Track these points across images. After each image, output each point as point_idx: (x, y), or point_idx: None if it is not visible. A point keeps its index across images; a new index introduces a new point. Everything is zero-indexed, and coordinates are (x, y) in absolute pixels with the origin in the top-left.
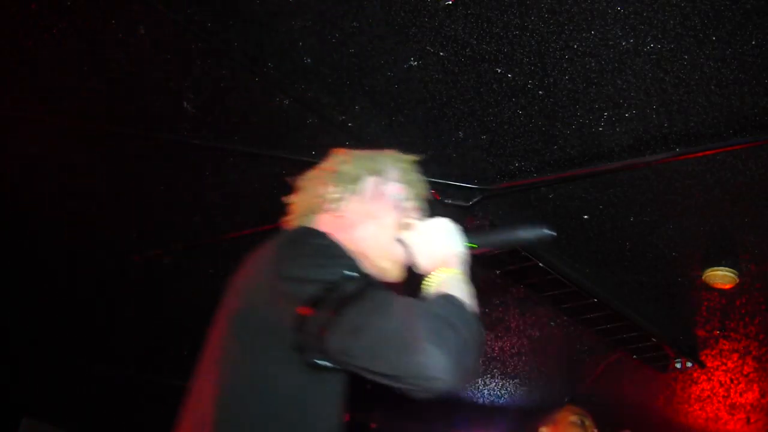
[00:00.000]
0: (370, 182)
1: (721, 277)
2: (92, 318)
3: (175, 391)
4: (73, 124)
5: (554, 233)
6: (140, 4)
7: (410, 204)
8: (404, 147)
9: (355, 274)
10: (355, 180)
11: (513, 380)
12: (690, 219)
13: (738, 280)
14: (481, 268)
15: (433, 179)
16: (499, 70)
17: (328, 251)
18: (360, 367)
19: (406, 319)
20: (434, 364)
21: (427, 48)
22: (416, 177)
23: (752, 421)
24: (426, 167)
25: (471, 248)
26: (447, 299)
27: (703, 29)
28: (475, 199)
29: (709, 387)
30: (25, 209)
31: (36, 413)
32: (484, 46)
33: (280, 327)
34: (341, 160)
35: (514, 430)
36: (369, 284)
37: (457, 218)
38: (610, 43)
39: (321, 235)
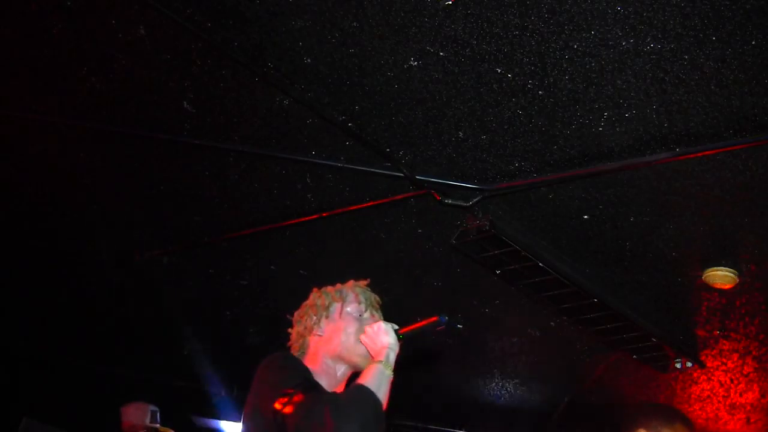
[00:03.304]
0: (336, 307)
1: (721, 277)
2: (92, 318)
3: (175, 391)
4: (73, 124)
5: (445, 319)
6: (140, 4)
7: (367, 314)
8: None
9: (305, 381)
10: (326, 308)
11: (513, 380)
12: (690, 219)
13: (738, 280)
14: (481, 268)
15: (433, 179)
16: (499, 70)
17: (292, 366)
18: None
19: (330, 407)
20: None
21: (427, 48)
22: (368, 294)
23: (752, 421)
24: (426, 167)
25: (400, 339)
26: (357, 389)
27: (703, 29)
28: (475, 199)
29: (709, 387)
30: (25, 209)
31: (36, 413)
32: (484, 46)
33: (266, 418)
34: (316, 296)
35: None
36: (311, 387)
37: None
38: (610, 43)
39: (289, 357)
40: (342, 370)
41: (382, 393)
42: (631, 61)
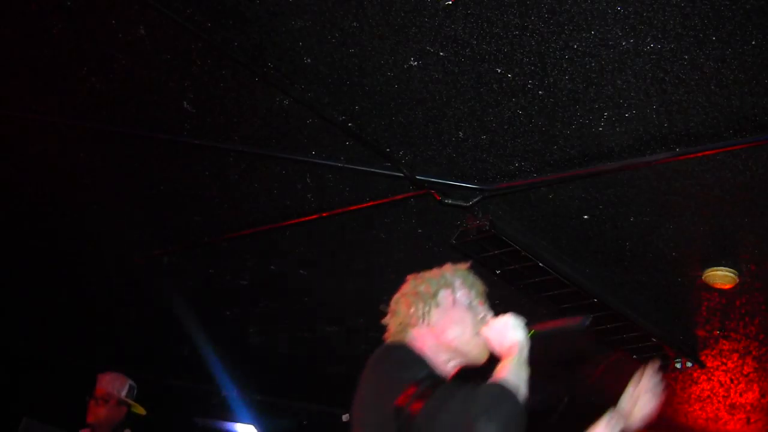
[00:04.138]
0: (445, 294)
1: (721, 277)
2: (92, 318)
3: (175, 391)
4: (73, 124)
5: (588, 323)
6: (140, 4)
7: (477, 301)
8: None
9: (430, 376)
10: (434, 296)
11: None
12: (690, 219)
13: (738, 280)
14: (481, 268)
15: (433, 179)
16: (499, 70)
17: (414, 359)
18: None
19: (464, 406)
20: None
21: (427, 48)
22: (474, 279)
23: (752, 421)
24: (426, 167)
25: (531, 336)
26: (496, 386)
27: (703, 29)
28: (475, 199)
29: (709, 387)
30: (25, 209)
31: (36, 413)
32: (484, 46)
33: (385, 414)
34: (417, 283)
35: None
36: (439, 382)
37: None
38: (610, 43)
39: (405, 349)
40: (453, 363)
41: (522, 392)
42: (631, 61)
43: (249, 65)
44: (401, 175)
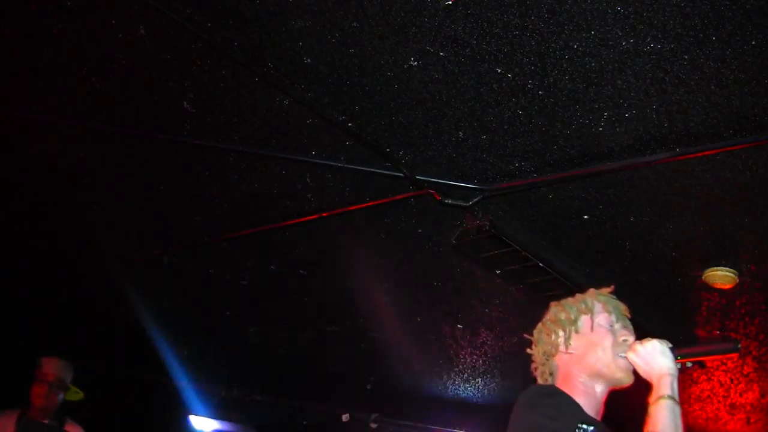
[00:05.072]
0: (584, 320)
1: (721, 277)
2: (92, 318)
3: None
4: (73, 124)
5: (740, 348)
6: (140, 4)
7: (618, 325)
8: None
9: (590, 426)
10: (574, 322)
11: (513, 380)
12: (690, 219)
13: (738, 280)
14: (481, 268)
15: (433, 179)
16: (499, 70)
17: (562, 405)
18: None
19: None
20: None
21: (427, 48)
22: (615, 303)
23: (752, 421)
24: (426, 167)
25: (679, 360)
26: None
27: (703, 29)
28: (475, 199)
29: (709, 387)
30: (25, 209)
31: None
32: (484, 46)
33: None
34: (557, 310)
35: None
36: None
37: (457, 218)
38: (610, 43)
39: (559, 393)
40: (601, 389)
41: None
42: (631, 61)
43: (249, 65)
44: (401, 175)
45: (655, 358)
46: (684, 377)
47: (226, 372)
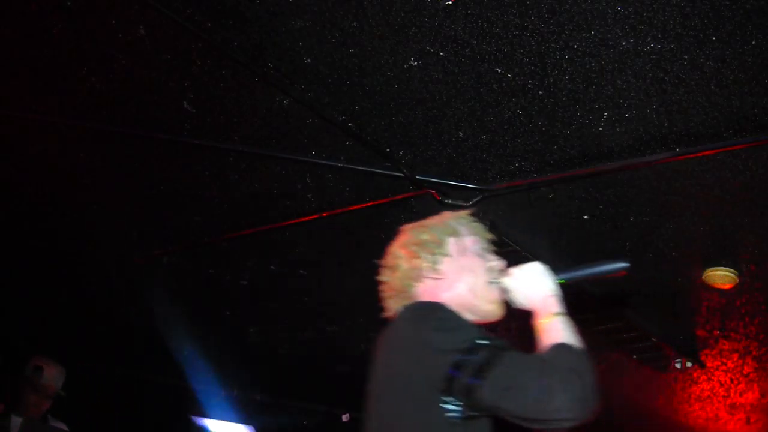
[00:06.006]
0: (452, 243)
1: (721, 277)
2: (92, 318)
3: (175, 391)
4: (73, 124)
5: (629, 264)
6: (140, 4)
7: (485, 249)
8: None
9: (485, 340)
10: (440, 245)
11: None
12: (690, 219)
13: (738, 280)
14: None
15: (433, 179)
16: (499, 70)
17: (456, 321)
18: (508, 415)
19: (542, 377)
20: (568, 410)
21: (427, 48)
22: (479, 226)
23: (752, 421)
24: (426, 167)
25: (561, 284)
26: (565, 349)
27: (703, 29)
28: (475, 199)
29: (709, 387)
30: (25, 209)
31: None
32: (484, 46)
33: (430, 391)
34: (418, 232)
35: None
36: (501, 347)
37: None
38: (610, 43)
39: (446, 308)
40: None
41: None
42: (631, 61)
43: (249, 65)
44: (401, 175)
45: (537, 280)
46: (684, 377)
47: (226, 372)
